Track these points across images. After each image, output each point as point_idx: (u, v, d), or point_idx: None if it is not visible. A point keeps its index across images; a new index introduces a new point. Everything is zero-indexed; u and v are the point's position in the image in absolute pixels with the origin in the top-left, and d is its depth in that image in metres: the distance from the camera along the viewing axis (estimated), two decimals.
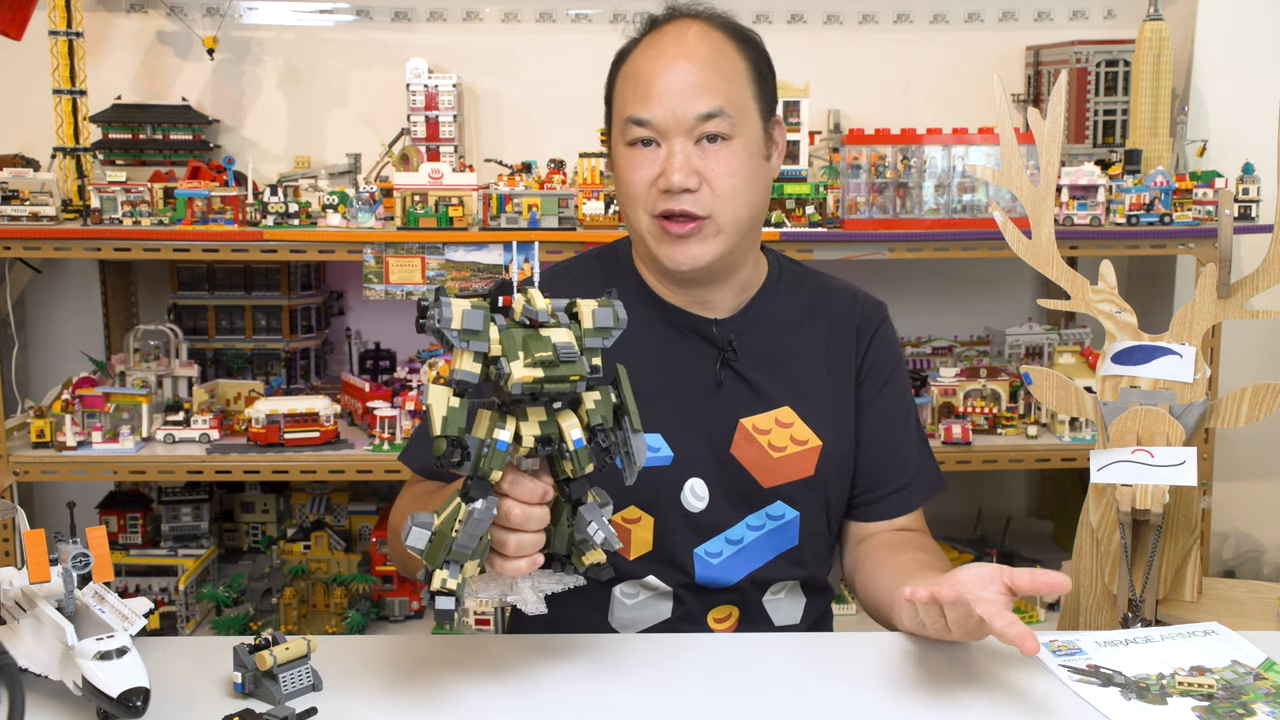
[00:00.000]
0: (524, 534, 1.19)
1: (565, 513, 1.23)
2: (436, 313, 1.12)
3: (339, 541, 3.04)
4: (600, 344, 1.19)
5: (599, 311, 1.20)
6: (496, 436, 1.14)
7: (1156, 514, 1.46)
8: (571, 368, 1.14)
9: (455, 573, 1.15)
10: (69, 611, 1.23)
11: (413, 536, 1.14)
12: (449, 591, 1.15)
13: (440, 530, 1.15)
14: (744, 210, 1.52)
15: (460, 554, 1.15)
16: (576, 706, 1.23)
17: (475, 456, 1.14)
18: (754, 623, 1.59)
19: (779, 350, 1.61)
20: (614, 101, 1.58)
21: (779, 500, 1.58)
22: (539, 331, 1.16)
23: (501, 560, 1.20)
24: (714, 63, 1.50)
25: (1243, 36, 3.15)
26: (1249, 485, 3.33)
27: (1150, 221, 2.75)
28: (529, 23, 3.25)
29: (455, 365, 1.14)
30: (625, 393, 1.22)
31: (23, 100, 3.11)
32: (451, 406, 1.13)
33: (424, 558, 1.15)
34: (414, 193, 2.74)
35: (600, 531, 1.22)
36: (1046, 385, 1.60)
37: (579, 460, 1.19)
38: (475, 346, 1.13)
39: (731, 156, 1.50)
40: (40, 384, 3.23)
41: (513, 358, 1.13)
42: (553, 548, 1.24)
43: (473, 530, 1.14)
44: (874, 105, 3.22)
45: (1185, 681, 1.27)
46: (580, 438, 1.18)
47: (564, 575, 1.27)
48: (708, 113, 1.48)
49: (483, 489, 1.15)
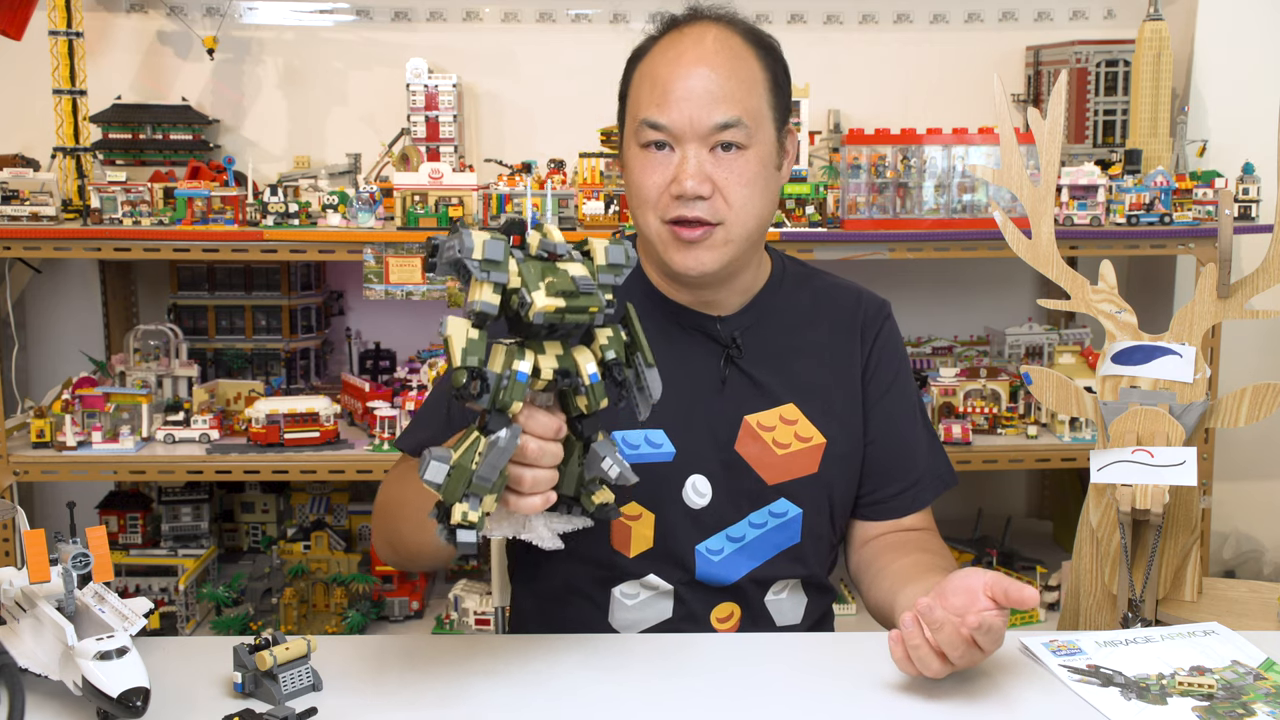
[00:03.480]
0: (539, 470, 1.18)
1: (576, 452, 1.23)
2: (456, 243, 1.12)
3: (339, 541, 3.03)
4: (612, 280, 1.20)
5: (611, 248, 1.21)
6: (516, 368, 1.14)
7: (1156, 514, 1.46)
8: (590, 299, 1.16)
9: (475, 505, 1.14)
10: (69, 611, 1.23)
11: (431, 470, 1.12)
12: (469, 525, 1.13)
13: (460, 463, 1.13)
14: (753, 220, 1.52)
15: (480, 486, 1.13)
16: (576, 706, 1.23)
17: (494, 388, 1.13)
18: (756, 623, 1.59)
19: (783, 347, 1.61)
20: (629, 100, 1.57)
21: (783, 497, 1.58)
22: (556, 264, 1.17)
23: (516, 498, 1.19)
24: (733, 71, 1.50)
25: (1243, 36, 3.15)
26: (1249, 485, 3.33)
27: (1150, 221, 2.75)
28: (529, 23, 3.25)
29: (474, 297, 1.13)
30: (636, 329, 1.23)
31: (23, 100, 3.11)
32: (471, 338, 1.12)
33: (441, 492, 1.13)
34: (414, 193, 2.74)
35: (615, 466, 1.22)
36: (1046, 385, 1.60)
37: (594, 395, 1.19)
38: (495, 277, 1.13)
39: (745, 166, 1.50)
40: (40, 384, 3.23)
41: (534, 288, 1.14)
42: (562, 488, 1.23)
43: (495, 460, 1.13)
44: (874, 105, 3.22)
45: (1185, 681, 1.27)
46: (595, 372, 1.19)
47: (573, 516, 1.27)
48: (724, 122, 1.48)
49: (502, 421, 1.14)
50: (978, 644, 1.22)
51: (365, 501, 3.21)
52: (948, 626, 1.21)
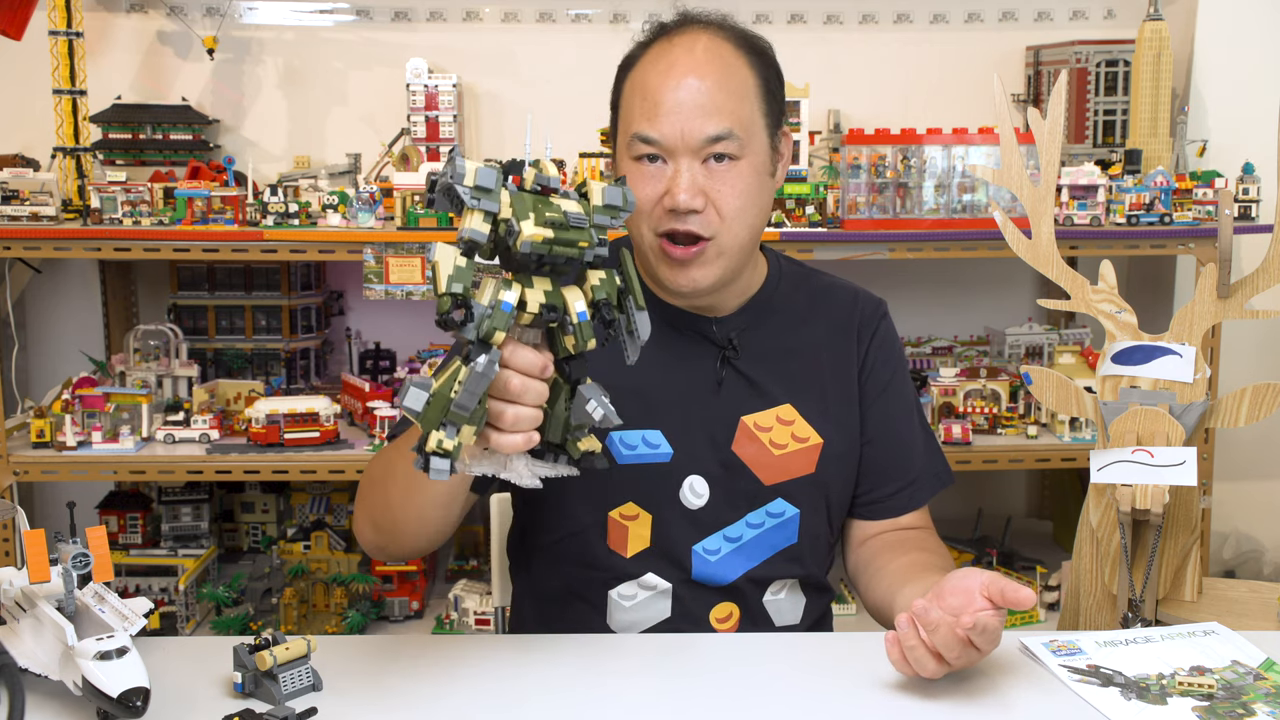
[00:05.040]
0: (522, 407, 1.16)
1: (563, 395, 1.21)
2: (450, 169, 1.12)
3: (339, 541, 3.03)
4: (608, 222, 1.19)
5: (609, 190, 1.20)
6: (502, 298, 1.13)
7: (1156, 514, 1.46)
8: (581, 233, 1.15)
9: (452, 434, 1.12)
10: (69, 611, 1.23)
11: (410, 397, 1.11)
12: (444, 452, 1.12)
13: (439, 391, 1.12)
14: (746, 231, 1.51)
15: (458, 415, 1.12)
16: (576, 706, 1.23)
17: (479, 316, 1.12)
18: (755, 623, 1.59)
19: (779, 348, 1.61)
20: (620, 110, 1.56)
21: (780, 498, 1.58)
22: (550, 198, 1.16)
23: (497, 435, 1.17)
24: (724, 81, 1.48)
25: (1243, 36, 3.15)
26: (1249, 485, 3.33)
27: (1150, 221, 2.75)
28: (529, 23, 3.25)
29: (464, 224, 1.13)
30: (629, 273, 1.22)
31: (23, 100, 3.11)
32: (458, 265, 1.12)
33: (419, 420, 1.12)
34: (414, 193, 2.74)
35: (600, 409, 1.20)
36: (1046, 385, 1.60)
37: (582, 334, 1.18)
38: (486, 205, 1.13)
39: (738, 178, 1.49)
40: (40, 384, 3.23)
41: (523, 217, 1.13)
42: (548, 435, 1.21)
43: (473, 387, 1.11)
44: (874, 105, 3.22)
45: (1185, 681, 1.27)
46: (584, 310, 1.18)
47: (558, 464, 1.25)
48: (716, 135, 1.47)
49: (485, 350, 1.13)
50: (974, 644, 1.21)
51: None
52: (943, 628, 1.21)
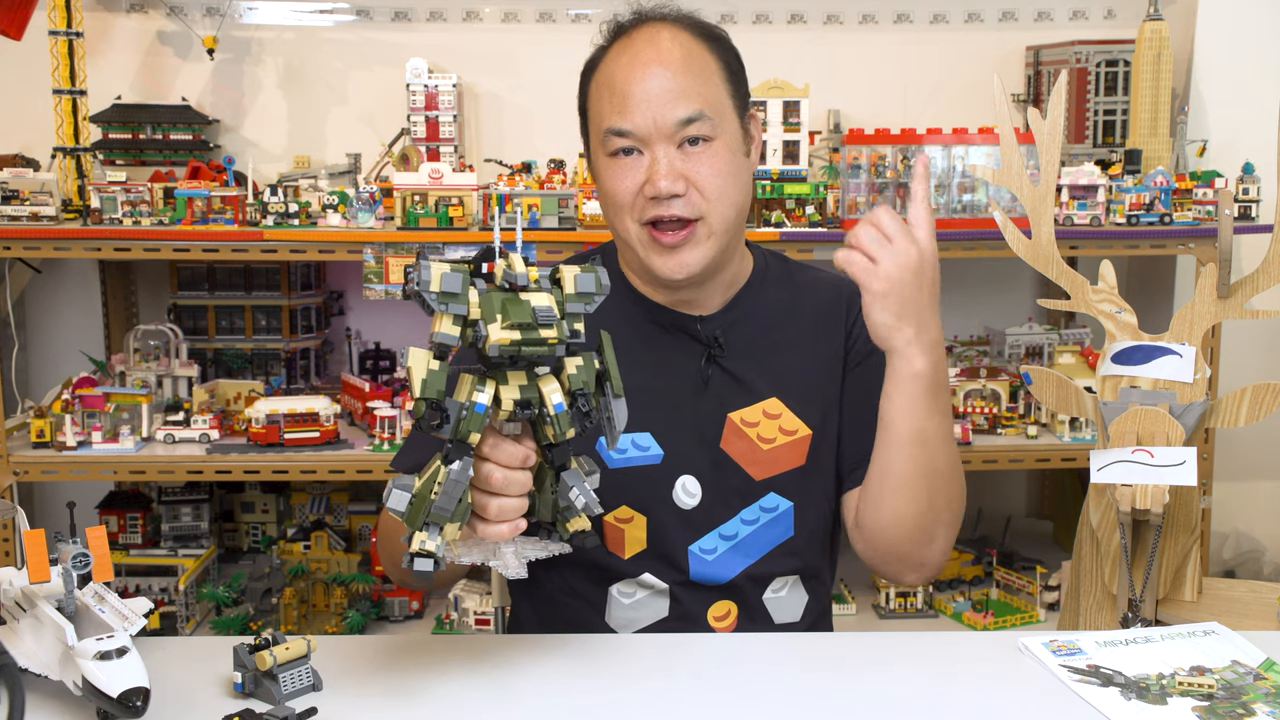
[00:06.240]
0: (505, 499, 1.19)
1: (550, 479, 1.23)
2: (416, 275, 1.13)
3: (339, 541, 3.03)
4: (582, 309, 1.20)
5: (581, 277, 1.20)
6: (475, 399, 1.15)
7: (1156, 514, 1.46)
8: (550, 330, 1.15)
9: (434, 534, 1.16)
10: (69, 611, 1.23)
11: (393, 499, 1.15)
12: (428, 553, 1.16)
13: (420, 493, 1.15)
14: (731, 209, 1.53)
15: (439, 516, 1.15)
16: (576, 706, 1.23)
17: (455, 419, 1.14)
18: (754, 620, 1.59)
19: (765, 343, 1.61)
20: (590, 112, 1.58)
21: (772, 492, 1.58)
22: (519, 296, 1.17)
23: (483, 525, 1.20)
24: (688, 66, 1.50)
25: (1243, 36, 3.15)
26: (1249, 485, 3.33)
27: (1150, 221, 2.75)
28: (529, 23, 3.25)
29: (435, 328, 1.15)
30: (609, 359, 1.22)
31: (23, 100, 3.11)
32: (431, 369, 1.14)
33: (404, 520, 1.16)
34: (414, 193, 2.74)
35: (581, 497, 1.22)
36: (1046, 385, 1.60)
37: (559, 424, 1.19)
38: (454, 309, 1.14)
39: (714, 158, 1.51)
40: (40, 384, 3.23)
41: (490, 320, 1.14)
42: (538, 515, 1.24)
43: (450, 492, 1.15)
44: (874, 105, 3.22)
45: (1185, 681, 1.27)
46: (561, 402, 1.19)
47: (549, 542, 1.27)
48: (688, 117, 1.49)
49: (462, 451, 1.16)
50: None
51: (365, 501, 3.21)
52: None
